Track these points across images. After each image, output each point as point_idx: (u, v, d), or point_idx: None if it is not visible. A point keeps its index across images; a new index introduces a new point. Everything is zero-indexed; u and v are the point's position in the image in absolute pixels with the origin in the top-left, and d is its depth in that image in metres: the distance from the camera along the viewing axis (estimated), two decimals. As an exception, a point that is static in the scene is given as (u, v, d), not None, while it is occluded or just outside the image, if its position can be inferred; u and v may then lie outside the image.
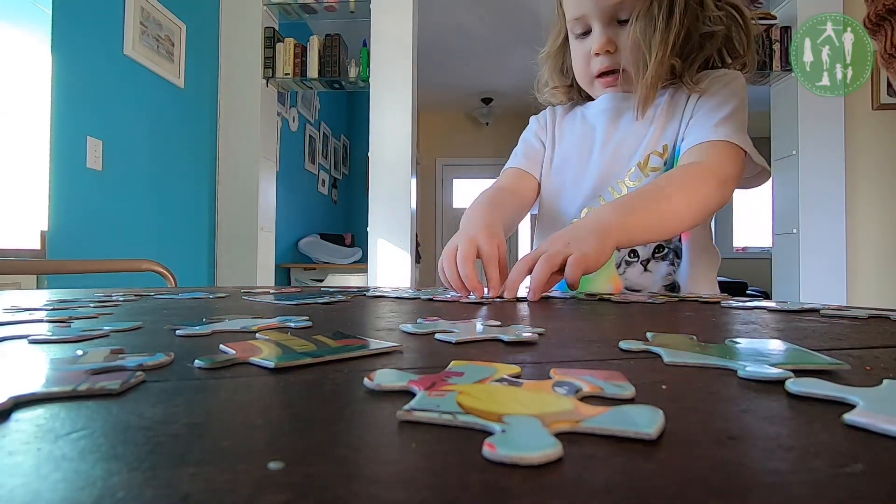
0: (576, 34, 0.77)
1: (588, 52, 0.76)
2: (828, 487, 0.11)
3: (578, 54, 0.79)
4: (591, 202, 0.80)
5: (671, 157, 0.76)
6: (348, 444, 0.13)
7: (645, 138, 0.77)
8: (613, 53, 0.74)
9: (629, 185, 0.76)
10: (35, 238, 1.67)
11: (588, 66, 0.78)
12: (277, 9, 2.76)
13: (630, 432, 0.13)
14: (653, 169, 0.76)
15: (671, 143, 0.76)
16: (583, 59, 0.78)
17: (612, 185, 0.78)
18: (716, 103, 0.73)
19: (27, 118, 1.69)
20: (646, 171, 0.76)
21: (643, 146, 0.77)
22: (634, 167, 0.77)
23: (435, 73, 4.81)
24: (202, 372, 0.20)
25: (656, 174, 0.74)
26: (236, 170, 2.69)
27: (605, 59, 0.75)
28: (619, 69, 0.76)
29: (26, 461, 0.11)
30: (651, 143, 0.77)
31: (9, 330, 0.30)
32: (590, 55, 0.76)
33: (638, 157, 0.77)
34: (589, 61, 0.77)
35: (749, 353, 0.24)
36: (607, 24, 0.73)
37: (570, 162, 0.84)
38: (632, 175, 0.76)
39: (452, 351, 0.25)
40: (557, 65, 0.87)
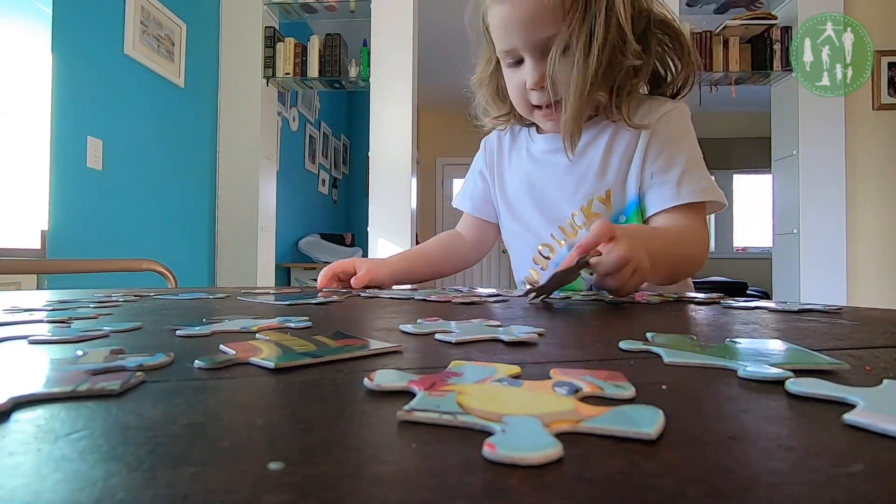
0: (508, 63, 0.74)
1: (523, 83, 0.72)
2: (828, 487, 0.11)
3: (513, 84, 0.75)
4: (545, 239, 0.80)
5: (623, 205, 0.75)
6: (348, 445, 0.13)
7: (587, 181, 0.76)
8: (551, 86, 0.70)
9: (578, 226, 0.77)
10: (35, 238, 1.67)
11: (524, 97, 0.74)
12: (278, 8, 2.76)
13: (630, 432, 0.13)
14: (595, 214, 0.75)
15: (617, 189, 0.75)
16: (519, 90, 0.74)
17: (561, 225, 0.79)
18: (669, 154, 0.72)
19: (27, 118, 1.69)
20: (588, 215, 0.76)
21: (585, 189, 0.76)
22: (578, 210, 0.77)
23: (435, 72, 4.81)
24: (202, 372, 0.20)
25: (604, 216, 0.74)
26: (236, 169, 2.69)
27: (541, 94, 0.71)
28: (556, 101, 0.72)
29: (26, 462, 0.11)
30: (592, 186, 0.76)
31: (9, 330, 0.30)
32: (524, 87, 0.72)
33: (581, 199, 0.76)
34: (525, 93, 0.73)
35: (749, 353, 0.24)
36: (539, 58, 0.69)
37: (519, 200, 0.84)
38: (577, 217, 0.77)
39: (452, 351, 0.25)
40: (492, 90, 0.82)
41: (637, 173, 0.74)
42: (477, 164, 0.93)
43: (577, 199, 0.77)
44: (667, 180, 0.71)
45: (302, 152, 3.87)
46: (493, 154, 0.90)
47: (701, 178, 0.72)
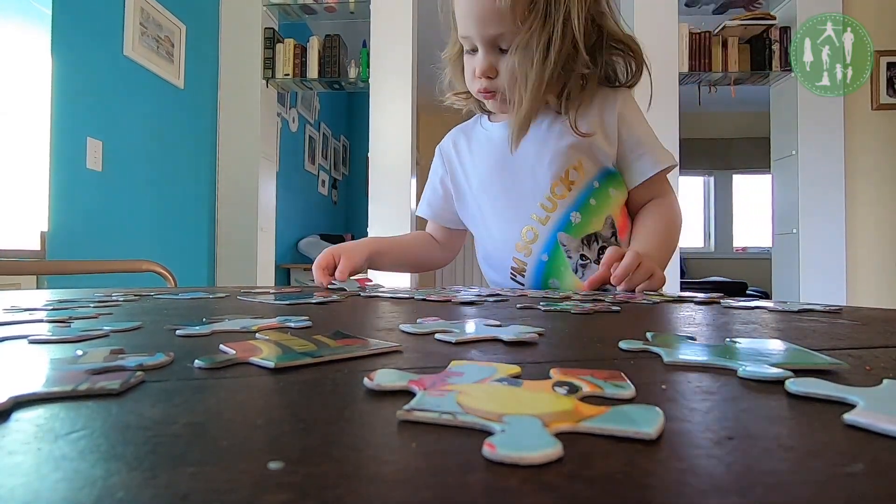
0: (465, 49, 0.80)
1: (472, 69, 0.79)
2: (828, 487, 0.11)
3: (468, 68, 0.81)
4: (526, 222, 0.83)
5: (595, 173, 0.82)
6: (348, 444, 0.13)
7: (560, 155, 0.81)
8: (494, 78, 0.77)
9: (558, 198, 0.81)
10: (35, 238, 1.67)
11: (472, 83, 0.81)
12: (277, 9, 2.76)
13: (630, 432, 0.13)
14: (571, 182, 0.81)
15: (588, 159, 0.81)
16: (470, 75, 0.81)
17: (540, 202, 0.82)
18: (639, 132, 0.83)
19: (27, 119, 1.69)
20: (568, 185, 0.81)
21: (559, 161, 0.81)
22: (557, 181, 0.81)
23: (435, 73, 4.81)
24: (202, 372, 0.20)
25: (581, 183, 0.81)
26: (236, 170, 2.69)
27: (485, 82, 0.78)
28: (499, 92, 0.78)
29: (26, 461, 0.11)
30: (567, 157, 0.81)
31: (9, 330, 0.30)
32: (473, 73, 0.79)
33: (555, 171, 0.81)
34: (473, 79, 0.80)
35: (749, 353, 0.24)
36: (489, 50, 0.75)
37: (493, 190, 0.87)
38: (557, 188, 0.81)
39: (452, 351, 0.25)
40: (458, 69, 0.87)
41: (613, 144, 0.82)
42: (436, 173, 0.97)
43: (552, 172, 0.81)
44: (643, 153, 0.82)
45: (301, 153, 3.87)
46: (451, 159, 0.94)
47: (662, 147, 0.84)
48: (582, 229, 0.81)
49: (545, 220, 0.81)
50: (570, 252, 0.80)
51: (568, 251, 0.80)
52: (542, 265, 0.82)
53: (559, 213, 0.81)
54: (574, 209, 0.81)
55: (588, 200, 0.81)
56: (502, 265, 0.87)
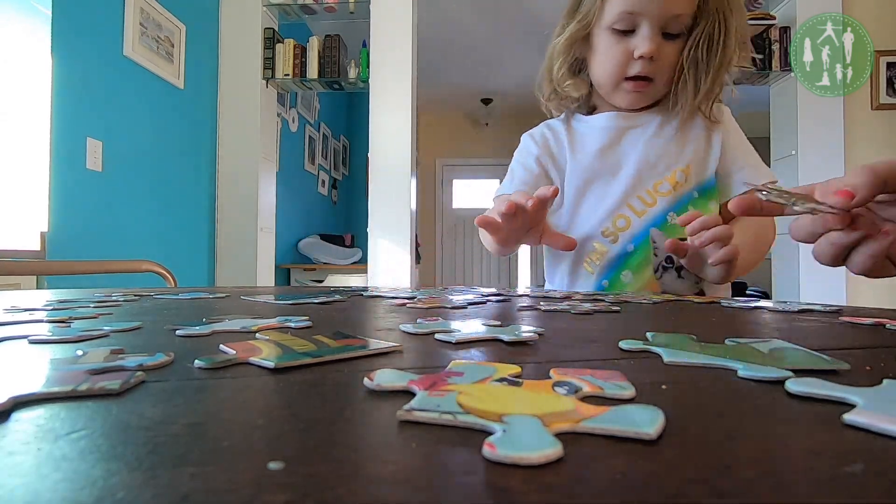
0: (617, 29, 0.75)
1: (626, 52, 0.75)
2: (828, 487, 0.11)
3: (613, 52, 0.76)
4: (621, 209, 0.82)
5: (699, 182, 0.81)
6: (348, 444, 0.13)
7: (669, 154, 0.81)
8: (654, 62, 0.74)
9: (660, 193, 0.80)
10: (35, 239, 1.67)
11: (622, 66, 0.76)
12: (277, 10, 2.76)
13: (630, 432, 0.13)
14: (678, 183, 0.80)
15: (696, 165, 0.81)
16: (617, 59, 0.76)
17: (640, 194, 0.81)
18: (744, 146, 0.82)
19: (27, 119, 1.69)
20: (673, 183, 0.80)
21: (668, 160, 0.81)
22: (661, 179, 0.80)
23: (435, 73, 4.82)
24: (202, 372, 0.20)
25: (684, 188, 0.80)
26: (236, 170, 2.69)
27: (645, 64, 0.74)
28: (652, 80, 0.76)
29: (26, 461, 0.11)
30: (675, 158, 0.81)
31: (9, 330, 0.30)
32: (627, 56, 0.75)
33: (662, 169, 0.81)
34: (625, 63, 0.76)
35: (749, 353, 0.24)
36: (656, 31, 0.73)
37: (593, 181, 0.84)
38: (661, 186, 0.80)
39: (452, 351, 0.25)
40: (570, 59, 0.83)
41: (716, 157, 0.81)
42: (528, 154, 0.91)
43: (659, 169, 0.80)
44: (747, 165, 0.81)
45: (301, 153, 3.87)
46: (546, 140, 0.90)
47: (763, 164, 0.83)
48: (675, 231, 0.78)
49: (641, 212, 0.80)
50: (658, 251, 0.79)
51: (657, 248, 0.79)
52: (625, 255, 0.80)
53: (657, 210, 0.80)
54: (673, 209, 0.80)
55: (686, 206, 0.80)
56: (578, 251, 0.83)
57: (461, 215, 6.38)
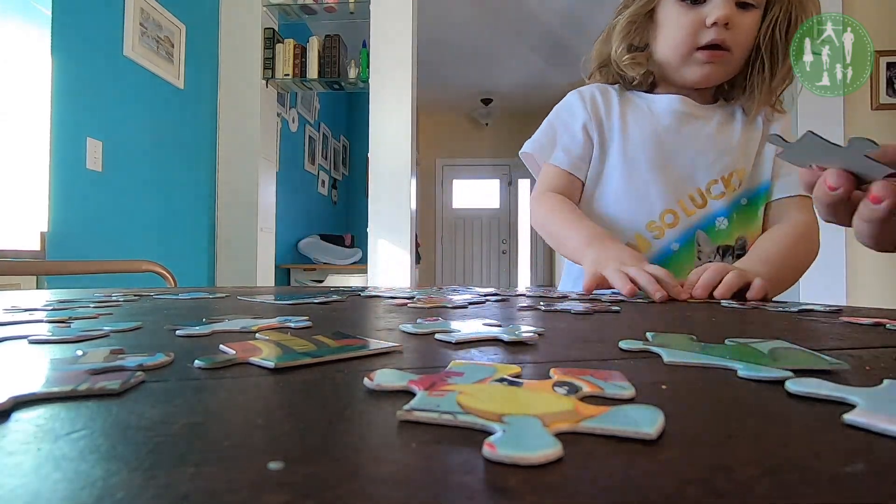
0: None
1: (697, 20, 0.70)
2: (828, 487, 0.11)
3: (682, 22, 0.72)
4: (670, 205, 0.77)
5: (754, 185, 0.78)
6: (348, 444, 0.13)
7: (730, 153, 0.77)
8: (730, 30, 0.70)
9: (713, 195, 0.77)
10: (35, 239, 1.67)
11: (693, 36, 0.71)
12: (277, 10, 2.76)
13: (630, 432, 0.13)
14: (733, 188, 0.77)
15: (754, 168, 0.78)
16: (687, 28, 0.71)
17: (690, 193, 0.77)
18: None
19: (27, 119, 1.69)
20: (729, 186, 0.77)
21: (726, 161, 0.77)
22: (717, 179, 0.77)
23: (434, 73, 4.82)
24: (202, 372, 0.20)
25: (735, 193, 0.77)
26: (236, 170, 2.69)
27: (720, 31, 0.69)
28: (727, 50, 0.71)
29: (26, 461, 0.11)
30: (733, 159, 0.77)
31: (9, 330, 0.30)
32: (699, 24, 0.70)
33: (719, 169, 0.77)
34: (696, 31, 0.71)
35: (749, 353, 0.24)
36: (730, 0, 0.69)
37: (639, 163, 0.78)
38: (714, 187, 0.77)
39: (452, 351, 0.25)
40: (632, 36, 0.79)
41: (770, 161, 0.77)
42: (574, 118, 0.83)
43: (716, 169, 0.76)
44: (792, 171, 0.75)
45: (301, 153, 3.87)
46: (598, 107, 0.82)
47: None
48: (721, 237, 0.77)
49: (691, 212, 0.77)
50: (702, 254, 0.76)
51: (701, 252, 0.76)
52: (669, 253, 0.77)
53: (706, 212, 0.76)
54: (723, 214, 0.77)
55: (733, 213, 0.77)
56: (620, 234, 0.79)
57: (461, 215, 6.38)
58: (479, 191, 6.35)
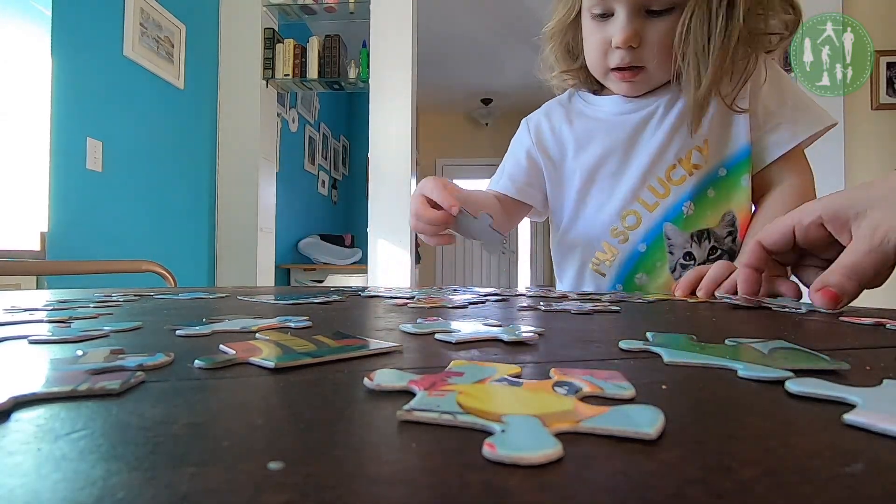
0: (593, 14, 0.68)
1: (606, 39, 0.68)
2: (828, 487, 0.11)
3: (594, 39, 0.69)
4: (630, 206, 0.75)
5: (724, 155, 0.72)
6: (348, 444, 0.13)
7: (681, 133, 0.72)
8: (637, 49, 0.66)
9: (673, 182, 0.72)
10: (35, 239, 1.67)
11: (604, 56, 0.69)
12: (277, 10, 2.76)
13: (630, 432, 0.13)
14: (695, 166, 0.71)
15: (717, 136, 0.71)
16: (598, 47, 0.69)
17: (651, 185, 0.74)
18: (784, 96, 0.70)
19: (27, 119, 1.70)
20: (688, 168, 0.72)
21: (678, 141, 0.73)
22: (676, 163, 0.72)
23: (435, 73, 4.82)
24: (202, 372, 0.20)
25: (703, 170, 0.71)
26: (236, 171, 2.69)
27: (627, 55, 0.67)
28: (642, 67, 0.68)
29: (26, 461, 0.11)
30: (688, 139, 0.72)
31: (9, 330, 0.30)
32: (606, 45, 0.68)
33: (675, 152, 0.73)
34: (605, 52, 0.69)
35: (749, 353, 0.24)
36: (635, 13, 0.64)
37: (599, 177, 0.77)
38: (674, 173, 0.72)
39: (452, 351, 0.25)
40: (564, 44, 0.77)
41: (745, 123, 0.70)
42: (520, 145, 0.85)
43: (671, 153, 0.72)
44: (783, 122, 0.69)
45: (301, 153, 3.87)
46: (541, 130, 0.82)
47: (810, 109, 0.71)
48: (693, 223, 0.71)
49: (653, 206, 0.73)
50: (674, 247, 0.72)
51: (672, 246, 0.72)
52: (637, 256, 0.74)
53: (671, 201, 0.72)
54: (688, 199, 0.71)
55: (706, 191, 0.71)
56: (585, 252, 0.78)
57: (461, 215, 6.38)
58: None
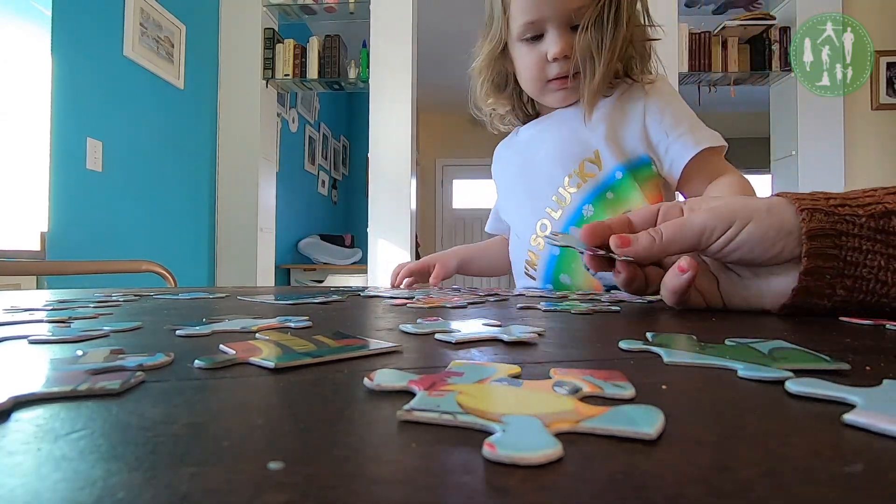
0: (526, 38, 0.78)
1: (541, 56, 0.77)
2: (827, 487, 0.11)
3: (529, 60, 0.79)
4: (541, 216, 0.83)
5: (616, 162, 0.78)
6: (348, 444, 0.13)
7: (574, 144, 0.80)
8: (569, 58, 0.75)
9: (570, 191, 0.80)
10: (35, 239, 1.67)
11: (541, 71, 0.78)
12: (277, 10, 2.77)
13: (630, 432, 0.13)
14: (588, 174, 0.79)
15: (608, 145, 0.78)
16: (535, 65, 0.78)
17: (554, 195, 0.81)
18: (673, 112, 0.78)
19: (27, 119, 1.69)
20: (583, 177, 0.79)
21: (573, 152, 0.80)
22: (572, 173, 0.80)
23: (435, 73, 4.82)
24: (202, 372, 0.20)
25: (593, 179, 0.78)
26: (236, 171, 2.69)
27: (562, 64, 0.76)
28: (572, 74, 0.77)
29: (26, 461, 0.11)
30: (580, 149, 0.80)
31: (9, 330, 0.30)
32: (543, 60, 0.77)
33: (570, 164, 0.80)
34: (543, 66, 0.78)
35: (749, 353, 0.24)
36: (563, 30, 0.75)
37: (514, 182, 0.90)
38: (570, 181, 0.80)
39: (452, 351, 0.25)
40: (492, 77, 0.86)
41: (638, 131, 0.78)
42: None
43: (568, 164, 0.80)
44: (682, 132, 0.76)
45: (301, 153, 3.87)
46: (495, 170, 0.98)
47: (705, 128, 0.78)
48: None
49: (558, 214, 0.81)
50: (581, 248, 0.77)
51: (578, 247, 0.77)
52: (554, 259, 0.81)
53: (571, 208, 0.79)
54: (587, 202, 0.78)
55: (605, 193, 0.78)
56: (519, 259, 0.88)
57: (461, 215, 6.38)
58: (480, 191, 6.35)
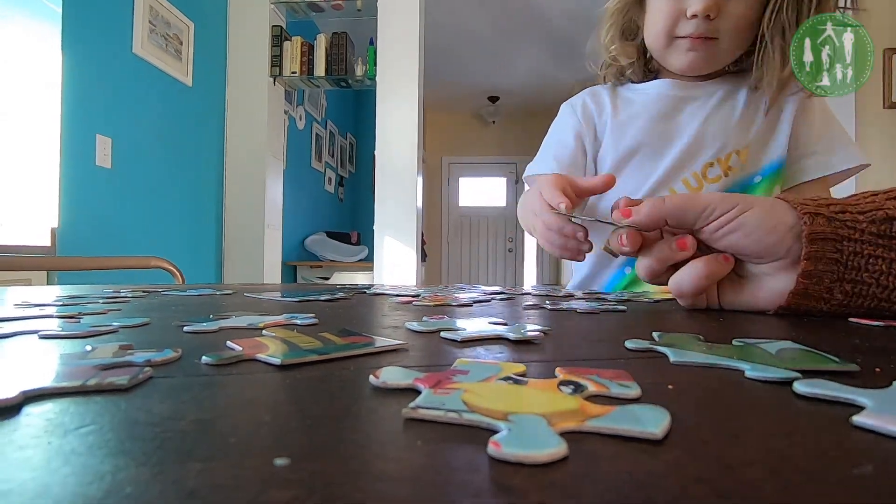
0: None
1: (678, 10, 0.67)
2: (836, 489, 0.10)
3: (663, 12, 0.68)
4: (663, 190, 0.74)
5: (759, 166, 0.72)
6: (354, 441, 0.13)
7: (728, 132, 0.72)
8: (713, 20, 0.65)
9: (709, 179, 0.72)
10: (45, 235, 1.69)
11: (673, 26, 0.68)
12: (285, 7, 2.77)
13: (636, 432, 0.13)
14: (731, 169, 0.71)
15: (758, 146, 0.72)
16: (669, 17, 0.68)
17: (685, 177, 0.73)
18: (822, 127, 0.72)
19: (37, 116, 1.71)
20: (725, 169, 0.72)
21: (724, 140, 0.72)
22: (714, 161, 0.72)
23: (441, 71, 4.81)
24: (209, 368, 0.20)
25: (738, 174, 0.71)
26: (243, 168, 2.70)
27: (702, 25, 0.65)
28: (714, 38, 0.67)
29: (36, 455, 0.12)
30: (732, 139, 0.72)
31: (19, 325, 0.30)
32: (679, 15, 0.67)
33: (715, 150, 0.72)
34: (676, 21, 0.68)
35: (756, 354, 0.23)
36: None
37: (636, 155, 0.76)
38: (710, 171, 0.72)
39: (458, 349, 0.25)
40: (622, 23, 0.76)
41: (785, 136, 0.71)
42: (567, 128, 0.83)
43: (714, 149, 0.72)
44: (817, 151, 0.71)
45: (308, 151, 3.88)
46: (589, 113, 0.81)
47: (844, 146, 0.72)
48: None
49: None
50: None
51: None
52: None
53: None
54: None
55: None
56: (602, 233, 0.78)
57: (467, 213, 6.38)
58: (486, 189, 6.35)
